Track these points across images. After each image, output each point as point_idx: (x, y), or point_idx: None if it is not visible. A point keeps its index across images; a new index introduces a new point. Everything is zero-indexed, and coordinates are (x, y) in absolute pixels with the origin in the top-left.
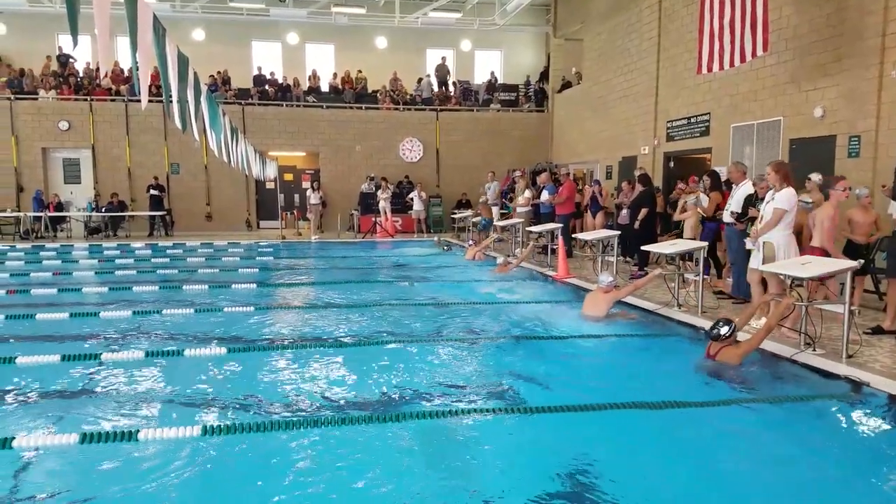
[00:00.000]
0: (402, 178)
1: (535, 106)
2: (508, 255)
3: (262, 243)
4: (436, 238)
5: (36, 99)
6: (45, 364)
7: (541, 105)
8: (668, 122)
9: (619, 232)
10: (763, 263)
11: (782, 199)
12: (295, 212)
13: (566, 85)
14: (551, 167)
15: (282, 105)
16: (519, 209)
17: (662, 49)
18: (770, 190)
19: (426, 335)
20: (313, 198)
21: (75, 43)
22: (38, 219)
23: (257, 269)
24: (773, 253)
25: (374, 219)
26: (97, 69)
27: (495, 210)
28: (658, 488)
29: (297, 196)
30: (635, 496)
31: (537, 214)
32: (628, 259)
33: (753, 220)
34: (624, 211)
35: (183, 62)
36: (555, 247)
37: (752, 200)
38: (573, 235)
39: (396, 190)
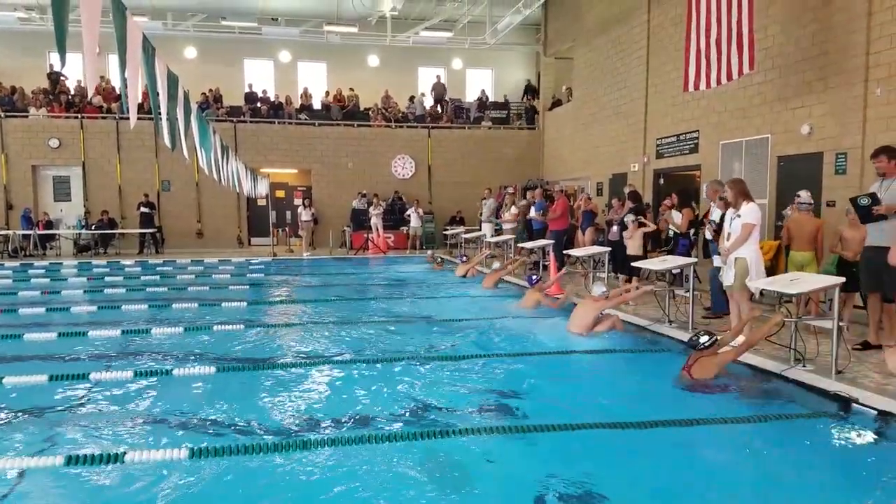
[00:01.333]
0: (393, 194)
1: (526, 123)
2: (498, 268)
3: (253, 260)
4: (428, 253)
5: (26, 116)
6: (31, 384)
7: (531, 122)
8: (657, 139)
9: (609, 248)
10: (735, 280)
11: (749, 214)
12: (287, 229)
13: (556, 103)
14: (542, 184)
15: (274, 123)
16: (505, 225)
17: (651, 67)
18: (729, 207)
19: (417, 353)
20: (305, 214)
21: (63, 61)
22: (26, 237)
23: (248, 287)
24: (746, 269)
25: (366, 235)
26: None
27: (488, 227)
28: None
29: (288, 213)
30: None
31: (530, 231)
32: (618, 275)
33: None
34: (614, 227)
35: (172, 81)
36: (546, 263)
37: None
38: (564, 252)
39: (388, 206)
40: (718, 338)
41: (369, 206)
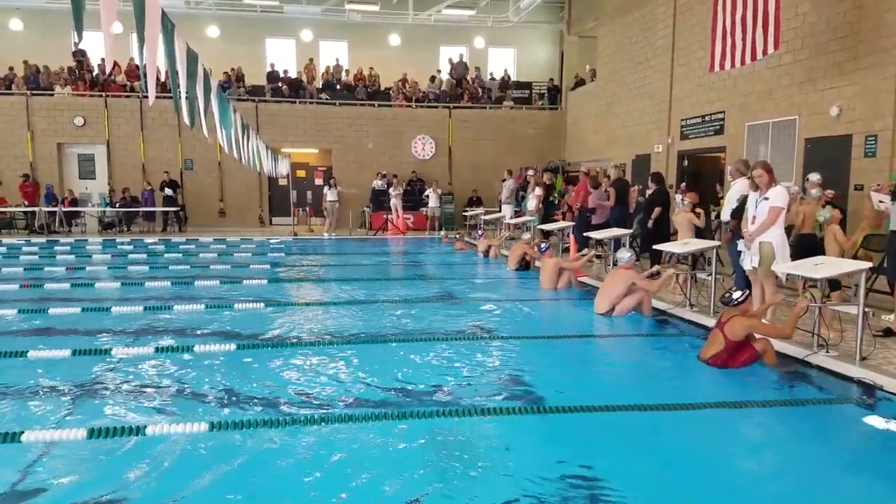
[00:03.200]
0: (411, 174)
1: (549, 103)
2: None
3: (273, 240)
4: (442, 233)
5: (52, 95)
6: (56, 359)
7: (554, 103)
8: (682, 120)
9: (630, 231)
10: (760, 265)
11: (777, 197)
12: (307, 208)
13: (580, 82)
14: (563, 165)
15: (295, 102)
16: (527, 215)
17: (677, 46)
18: (757, 190)
19: (435, 332)
20: (330, 195)
21: (80, 37)
22: (51, 213)
23: (269, 266)
24: (772, 253)
25: (385, 216)
26: (113, 65)
27: (508, 208)
28: (667, 492)
29: (309, 193)
30: (644, 500)
31: (548, 215)
32: (639, 259)
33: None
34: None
35: (192, 58)
36: (566, 245)
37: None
38: (585, 234)
39: (407, 187)
40: (749, 292)
41: (389, 186)
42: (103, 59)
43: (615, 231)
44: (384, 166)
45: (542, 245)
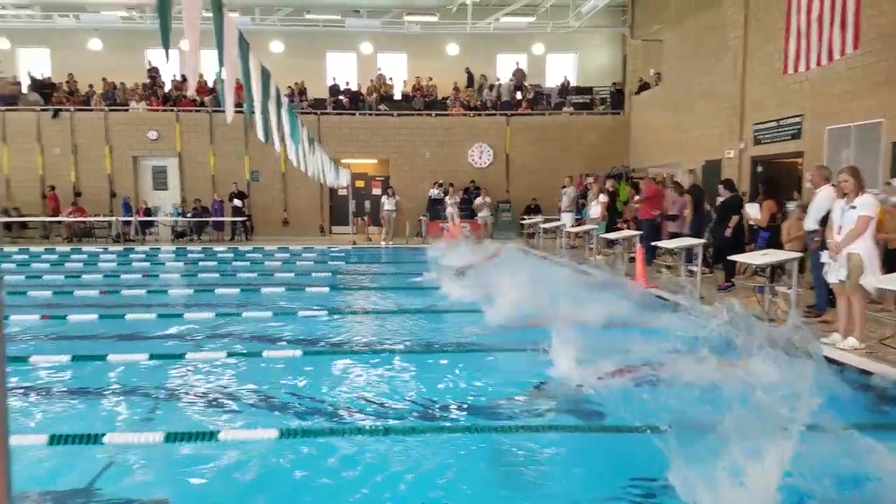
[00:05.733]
0: (469, 183)
1: (611, 108)
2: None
3: (333, 248)
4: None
5: (127, 110)
6: (133, 362)
7: (617, 107)
8: (755, 124)
9: (703, 241)
10: (848, 277)
11: (866, 205)
12: (365, 217)
13: (644, 86)
14: (627, 171)
15: (355, 114)
16: (590, 223)
17: (749, 48)
18: (844, 197)
19: (496, 343)
20: (388, 204)
21: (167, 57)
22: (127, 223)
23: (330, 274)
24: (861, 265)
25: (441, 225)
26: (183, 81)
27: (568, 216)
28: None
29: (367, 202)
30: None
31: (611, 223)
32: (712, 270)
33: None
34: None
35: (266, 76)
36: (633, 255)
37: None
38: (653, 244)
39: (465, 196)
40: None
41: (445, 195)
42: (174, 76)
43: (688, 240)
44: (441, 175)
45: None
